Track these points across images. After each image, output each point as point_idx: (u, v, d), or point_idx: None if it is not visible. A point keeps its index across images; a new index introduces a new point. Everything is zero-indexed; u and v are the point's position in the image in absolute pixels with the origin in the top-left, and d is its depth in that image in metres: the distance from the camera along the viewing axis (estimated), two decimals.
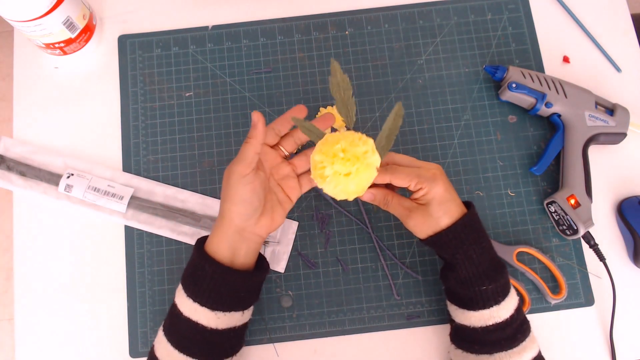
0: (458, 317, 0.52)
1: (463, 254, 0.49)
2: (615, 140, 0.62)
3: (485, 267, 0.49)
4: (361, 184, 0.46)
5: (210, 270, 0.48)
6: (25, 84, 0.68)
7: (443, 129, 0.65)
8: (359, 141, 0.45)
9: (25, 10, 0.56)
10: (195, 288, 0.49)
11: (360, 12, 0.69)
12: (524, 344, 0.49)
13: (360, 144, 0.45)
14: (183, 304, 0.49)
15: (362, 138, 0.46)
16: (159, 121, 0.66)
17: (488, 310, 0.49)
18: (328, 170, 0.45)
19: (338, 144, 0.45)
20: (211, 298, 0.48)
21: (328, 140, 0.45)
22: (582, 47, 0.68)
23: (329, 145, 0.45)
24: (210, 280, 0.48)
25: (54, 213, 0.63)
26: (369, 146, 0.45)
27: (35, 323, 0.61)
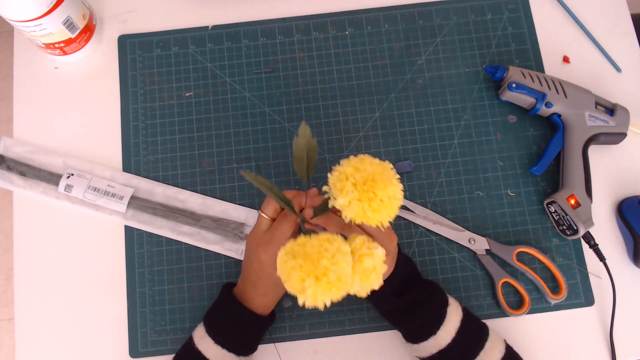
0: (410, 351, 0.55)
1: (384, 305, 0.52)
2: (615, 140, 0.62)
3: (408, 307, 0.51)
4: (338, 296, 0.40)
5: (249, 323, 0.52)
6: (25, 84, 0.68)
7: (443, 129, 0.65)
8: (339, 256, 0.40)
9: (25, 10, 0.56)
10: (227, 337, 0.52)
11: (360, 12, 0.69)
12: (480, 357, 0.50)
13: (341, 261, 0.40)
14: (209, 350, 0.51)
15: (340, 245, 0.41)
16: (159, 121, 0.66)
17: (427, 342, 0.51)
18: (309, 290, 0.39)
19: (321, 262, 0.39)
20: (242, 345, 0.52)
21: (307, 250, 0.40)
22: (582, 47, 0.68)
23: (309, 262, 0.39)
24: (245, 330, 0.52)
25: (54, 213, 0.63)
26: (348, 256, 0.41)
27: (35, 323, 0.61)
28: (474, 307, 0.60)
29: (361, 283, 0.41)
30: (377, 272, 0.41)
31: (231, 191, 0.64)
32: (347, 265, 0.40)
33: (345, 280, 0.39)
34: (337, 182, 0.42)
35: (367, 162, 0.42)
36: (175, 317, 0.60)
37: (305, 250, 0.40)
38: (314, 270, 0.39)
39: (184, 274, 0.61)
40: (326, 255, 0.39)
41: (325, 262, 0.39)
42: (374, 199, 0.41)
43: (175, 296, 0.61)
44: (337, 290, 0.39)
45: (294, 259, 0.40)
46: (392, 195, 0.41)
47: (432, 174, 0.64)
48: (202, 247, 0.62)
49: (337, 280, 0.39)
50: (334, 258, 0.39)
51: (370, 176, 0.41)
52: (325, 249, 0.40)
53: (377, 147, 0.64)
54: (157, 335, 0.60)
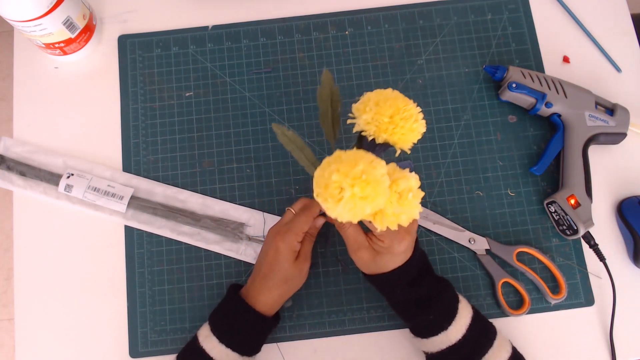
0: (417, 346, 0.54)
1: (398, 294, 0.52)
2: (615, 140, 0.62)
3: (421, 300, 0.51)
4: (375, 207, 0.42)
5: (254, 322, 0.53)
6: (25, 84, 0.68)
7: (443, 129, 0.65)
8: (375, 163, 0.42)
9: (25, 10, 0.56)
10: (233, 337, 0.52)
11: (360, 12, 0.69)
12: (488, 356, 0.50)
13: (377, 167, 0.41)
14: (214, 349, 0.52)
15: (375, 159, 0.42)
16: (159, 121, 0.66)
17: (438, 337, 0.50)
18: (347, 192, 0.40)
19: (358, 166, 0.40)
20: (246, 345, 0.53)
21: (343, 159, 0.42)
22: (582, 47, 0.68)
23: (347, 165, 0.41)
24: (250, 330, 0.53)
25: (54, 213, 0.63)
26: (384, 169, 0.42)
27: (35, 323, 0.61)
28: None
29: (401, 205, 0.42)
30: (414, 192, 0.43)
31: (231, 191, 0.64)
32: (382, 171, 0.41)
33: (381, 187, 0.41)
34: (361, 104, 0.45)
35: (388, 91, 0.46)
36: (175, 317, 0.60)
37: (342, 158, 0.41)
38: (351, 172, 0.40)
39: (184, 274, 0.62)
40: (362, 161, 0.41)
41: (361, 166, 0.40)
42: (396, 113, 0.43)
43: (175, 296, 0.61)
44: (375, 194, 0.40)
45: (331, 165, 0.41)
46: (413, 114, 0.44)
47: (432, 174, 0.64)
48: (202, 247, 0.62)
49: (374, 182, 0.40)
50: (371, 163, 0.41)
51: (391, 97, 0.45)
52: (362, 156, 0.41)
53: None
54: (157, 335, 0.60)
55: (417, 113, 0.46)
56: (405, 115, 0.44)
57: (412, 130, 0.45)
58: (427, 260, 0.54)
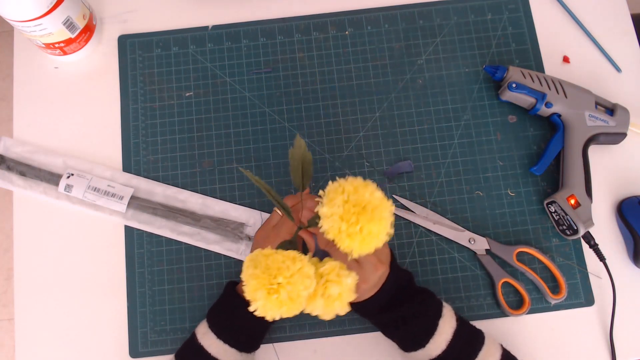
0: (404, 357, 0.55)
1: (374, 319, 0.53)
2: (615, 140, 0.62)
3: (395, 322, 0.51)
4: (294, 310, 0.41)
5: (249, 316, 0.51)
6: (25, 84, 0.68)
7: (443, 129, 0.65)
8: (301, 274, 0.40)
9: (25, 10, 0.56)
10: (230, 332, 0.52)
11: (360, 12, 0.69)
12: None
13: (299, 282, 0.40)
14: (212, 345, 0.52)
15: (304, 265, 0.41)
16: (159, 121, 0.66)
17: (417, 353, 0.51)
18: (260, 301, 0.40)
19: (277, 279, 0.40)
20: (244, 341, 0.53)
21: (263, 264, 0.40)
22: (582, 47, 0.68)
23: (265, 275, 0.40)
24: (247, 325, 0.53)
25: (54, 213, 0.63)
26: (310, 280, 0.41)
27: (35, 323, 0.61)
28: (474, 307, 0.60)
29: (324, 308, 0.42)
30: (341, 300, 0.41)
31: (231, 191, 0.64)
32: (303, 288, 0.40)
33: (298, 301, 0.40)
34: (332, 191, 0.42)
35: (369, 190, 0.41)
36: (175, 317, 0.60)
37: (267, 262, 0.40)
38: (267, 284, 0.39)
39: (184, 274, 0.61)
40: (285, 273, 0.39)
41: (281, 280, 0.39)
42: (354, 225, 0.40)
43: (175, 296, 0.61)
44: (288, 308, 0.40)
45: (255, 268, 0.40)
46: (374, 233, 0.40)
47: (432, 174, 0.64)
48: (202, 247, 0.62)
49: (288, 299, 0.39)
50: (291, 278, 0.39)
51: (364, 203, 0.40)
52: (287, 267, 0.40)
53: (377, 147, 0.64)
54: (157, 335, 0.60)
55: (383, 233, 0.41)
56: (365, 231, 0.40)
57: (367, 246, 0.41)
58: (408, 279, 0.53)
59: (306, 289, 0.40)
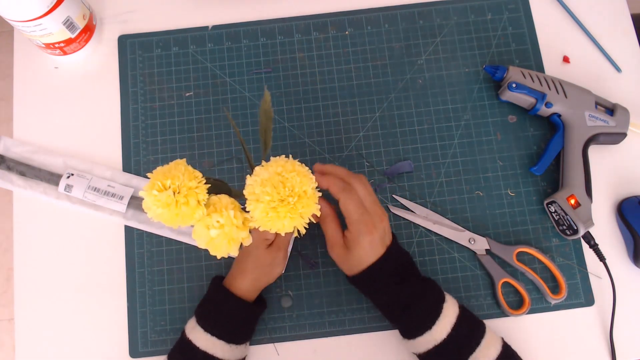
0: (407, 347, 0.55)
1: (381, 294, 0.52)
2: (615, 140, 0.62)
3: (405, 301, 0.51)
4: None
5: (234, 307, 0.53)
6: (25, 84, 0.68)
7: (443, 129, 0.65)
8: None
9: (25, 10, 0.56)
10: (215, 323, 0.53)
11: (360, 12, 0.69)
12: (476, 354, 0.50)
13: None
14: (199, 339, 0.52)
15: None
16: (159, 121, 0.66)
17: (423, 336, 0.51)
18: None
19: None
20: (230, 332, 0.53)
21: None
22: (582, 47, 0.68)
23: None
24: (231, 315, 0.53)
25: (54, 213, 0.63)
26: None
27: (35, 323, 0.61)
28: (474, 307, 0.60)
29: (205, 235, 0.43)
30: (223, 232, 0.43)
31: None
32: (187, 201, 0.42)
33: (181, 211, 0.42)
34: (251, 185, 0.44)
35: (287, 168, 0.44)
36: (175, 317, 0.60)
37: (176, 168, 0.43)
38: (162, 180, 0.42)
39: (184, 274, 0.62)
40: (181, 181, 0.42)
41: (171, 182, 0.41)
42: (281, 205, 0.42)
43: (175, 296, 0.61)
44: (169, 212, 0.41)
45: (156, 171, 0.43)
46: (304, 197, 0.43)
47: (432, 174, 0.64)
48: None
49: (174, 201, 0.41)
50: (185, 187, 0.42)
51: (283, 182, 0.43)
52: (185, 178, 0.42)
53: (377, 147, 0.64)
54: (157, 335, 0.60)
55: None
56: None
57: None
58: (410, 261, 0.54)
59: (187, 204, 0.41)
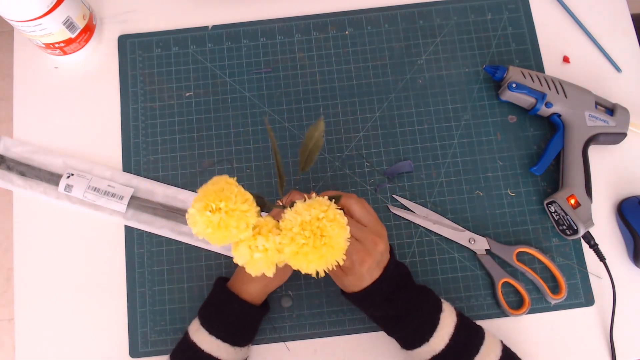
0: (405, 358, 0.55)
1: (374, 310, 0.52)
2: (615, 140, 0.62)
3: (399, 313, 0.51)
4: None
5: (240, 310, 0.53)
6: (25, 84, 0.68)
7: (443, 129, 0.65)
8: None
9: (25, 10, 0.56)
10: (220, 326, 0.53)
11: (360, 12, 0.69)
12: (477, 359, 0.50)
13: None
14: (203, 341, 0.52)
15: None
16: (159, 121, 0.66)
17: (421, 348, 0.50)
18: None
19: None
20: (235, 335, 0.53)
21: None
22: (582, 47, 0.68)
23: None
24: (237, 318, 0.53)
25: (54, 213, 0.63)
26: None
27: (35, 323, 0.61)
28: (474, 307, 0.60)
29: (248, 256, 0.42)
30: (265, 256, 0.42)
31: None
32: (235, 224, 0.41)
33: (226, 231, 0.41)
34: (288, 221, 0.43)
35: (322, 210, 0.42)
36: (175, 317, 0.60)
37: (222, 187, 0.41)
38: (209, 202, 0.40)
39: (184, 274, 0.62)
40: (228, 203, 0.41)
41: (222, 205, 0.40)
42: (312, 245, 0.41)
43: (175, 296, 0.61)
44: (213, 232, 0.41)
45: (211, 187, 0.41)
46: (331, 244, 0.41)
47: (432, 174, 0.64)
48: (202, 247, 0.62)
49: (217, 224, 0.40)
50: (232, 209, 0.41)
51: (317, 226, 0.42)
52: (233, 200, 0.41)
53: (377, 147, 0.64)
54: (157, 335, 0.60)
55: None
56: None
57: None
58: (406, 272, 0.53)
59: (238, 227, 0.41)
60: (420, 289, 0.53)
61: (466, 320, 0.53)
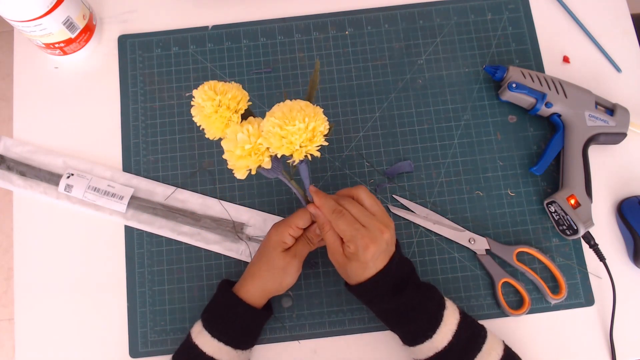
0: (407, 354, 0.54)
1: (378, 304, 0.52)
2: (615, 140, 0.62)
3: (404, 309, 0.51)
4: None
5: (243, 314, 0.53)
6: (25, 84, 0.68)
7: (443, 129, 0.65)
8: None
9: (25, 10, 0.56)
10: (223, 330, 0.53)
11: (360, 12, 0.69)
12: (478, 358, 0.50)
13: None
14: (206, 344, 0.52)
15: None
16: (159, 121, 0.66)
17: (424, 344, 0.50)
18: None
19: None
20: (238, 338, 0.53)
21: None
22: (582, 47, 0.68)
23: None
24: (240, 323, 0.53)
25: (54, 213, 0.63)
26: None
27: (35, 323, 0.61)
28: (474, 307, 0.60)
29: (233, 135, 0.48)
30: (255, 130, 0.48)
31: (231, 191, 0.64)
32: (234, 108, 0.49)
33: (223, 116, 0.48)
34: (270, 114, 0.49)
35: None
36: (175, 317, 0.60)
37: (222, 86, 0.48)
38: (209, 98, 0.47)
39: (184, 274, 0.62)
40: (227, 94, 0.48)
41: (219, 98, 0.48)
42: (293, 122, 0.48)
43: (175, 296, 0.61)
44: (213, 119, 0.48)
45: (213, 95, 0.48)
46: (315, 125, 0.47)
47: (432, 174, 0.64)
48: (202, 247, 0.62)
49: (217, 111, 0.48)
50: (228, 99, 0.48)
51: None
52: (232, 92, 0.49)
53: (377, 147, 0.64)
54: (157, 335, 0.60)
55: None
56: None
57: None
58: (411, 269, 0.53)
59: (228, 107, 0.48)
60: (424, 285, 0.53)
61: (469, 318, 0.53)
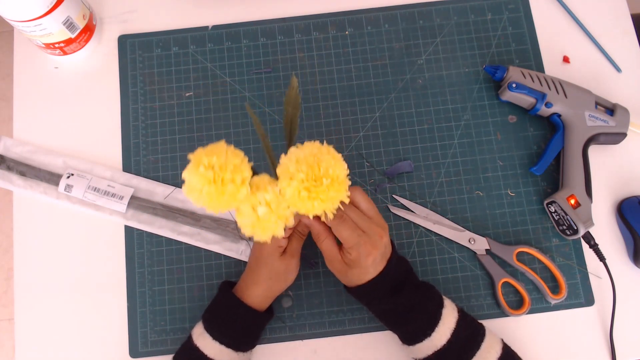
0: (406, 353, 0.54)
1: (377, 305, 0.52)
2: (615, 140, 0.62)
3: (402, 309, 0.51)
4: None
5: (245, 317, 0.53)
6: (25, 84, 0.68)
7: (443, 129, 0.65)
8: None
9: (25, 10, 0.56)
10: (225, 332, 0.52)
11: (360, 12, 0.69)
12: (477, 356, 0.50)
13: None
14: (207, 346, 0.52)
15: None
16: (159, 121, 0.66)
17: (423, 343, 0.51)
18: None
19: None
20: (239, 341, 0.53)
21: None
22: (582, 47, 0.68)
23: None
24: (242, 325, 0.53)
25: (54, 213, 0.63)
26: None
27: (35, 323, 0.61)
28: (474, 307, 0.60)
29: (251, 214, 0.42)
30: (270, 210, 0.41)
31: None
32: (230, 178, 0.40)
33: (223, 188, 0.40)
34: (286, 163, 0.43)
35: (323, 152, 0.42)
36: (175, 317, 0.60)
37: (214, 148, 0.41)
38: (201, 159, 0.40)
39: (184, 274, 0.62)
40: (221, 158, 0.40)
41: (214, 160, 0.40)
42: (317, 186, 0.41)
43: (175, 296, 0.61)
44: (209, 191, 0.40)
45: (204, 150, 0.41)
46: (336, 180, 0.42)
47: (432, 174, 0.64)
48: (202, 247, 0.62)
49: (213, 180, 0.40)
50: (225, 164, 0.40)
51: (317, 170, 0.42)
52: (226, 155, 0.41)
53: (377, 147, 0.64)
54: (157, 335, 0.60)
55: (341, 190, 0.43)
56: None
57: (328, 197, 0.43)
58: (408, 269, 0.53)
59: (234, 181, 0.40)
60: (422, 284, 0.53)
61: (468, 317, 0.53)
